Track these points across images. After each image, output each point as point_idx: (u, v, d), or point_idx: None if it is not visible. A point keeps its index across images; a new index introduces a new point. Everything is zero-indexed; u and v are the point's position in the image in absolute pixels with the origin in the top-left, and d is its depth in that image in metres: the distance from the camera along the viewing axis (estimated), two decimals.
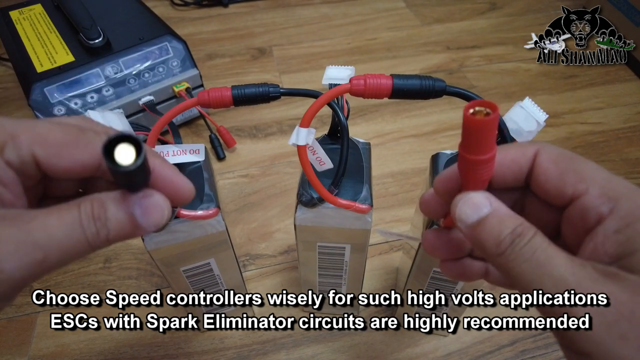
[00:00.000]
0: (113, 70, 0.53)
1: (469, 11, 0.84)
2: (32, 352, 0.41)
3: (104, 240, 0.17)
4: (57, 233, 0.16)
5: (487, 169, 0.17)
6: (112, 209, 0.17)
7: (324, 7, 0.85)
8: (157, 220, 0.17)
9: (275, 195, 0.54)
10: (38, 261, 0.15)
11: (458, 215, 0.18)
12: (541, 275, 0.15)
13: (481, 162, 0.16)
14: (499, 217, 0.17)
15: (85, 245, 0.16)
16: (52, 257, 0.16)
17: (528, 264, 0.16)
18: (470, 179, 0.17)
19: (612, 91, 0.67)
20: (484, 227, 0.17)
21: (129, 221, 0.17)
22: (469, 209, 0.17)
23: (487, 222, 0.17)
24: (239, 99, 0.27)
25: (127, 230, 0.17)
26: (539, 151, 0.18)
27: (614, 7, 0.73)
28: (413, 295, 0.37)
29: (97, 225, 0.16)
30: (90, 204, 0.16)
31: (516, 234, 0.16)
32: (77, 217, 0.16)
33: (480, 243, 0.17)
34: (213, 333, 0.43)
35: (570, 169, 0.17)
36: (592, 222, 0.17)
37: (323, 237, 0.33)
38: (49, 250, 0.15)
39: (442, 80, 0.25)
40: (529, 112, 0.25)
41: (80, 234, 0.16)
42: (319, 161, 0.29)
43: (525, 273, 0.16)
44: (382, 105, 0.64)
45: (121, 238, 0.17)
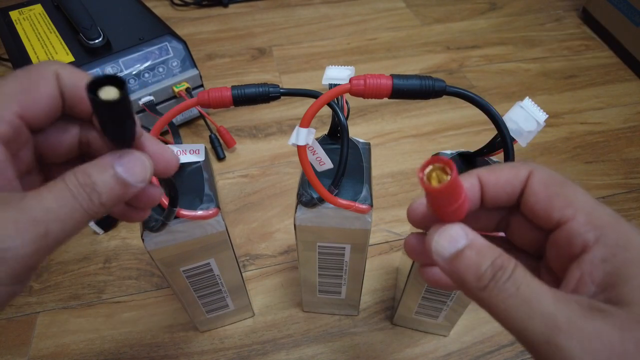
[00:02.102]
0: (113, 71, 0.53)
1: (469, 11, 0.84)
2: (32, 352, 0.41)
3: (98, 205, 0.17)
4: (53, 206, 0.16)
5: (459, 211, 0.17)
6: (95, 173, 0.17)
7: (324, 7, 0.85)
8: (141, 174, 0.18)
9: (275, 195, 0.54)
10: (41, 235, 0.15)
11: (434, 249, 0.17)
12: (530, 312, 0.15)
13: (452, 210, 0.16)
14: (477, 248, 0.16)
15: (83, 213, 0.17)
16: (54, 229, 0.16)
17: (514, 300, 0.15)
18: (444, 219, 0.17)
19: (612, 91, 0.67)
20: (462, 260, 0.16)
21: (116, 181, 0.17)
22: (445, 241, 0.17)
23: (464, 255, 0.16)
24: (239, 99, 0.27)
25: (117, 190, 0.17)
26: (532, 173, 0.18)
27: (614, 7, 0.73)
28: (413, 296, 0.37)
29: (87, 192, 0.17)
30: (73, 175, 0.17)
31: (497, 266, 0.16)
32: (66, 188, 0.16)
33: (459, 277, 0.17)
34: (213, 333, 0.43)
35: (559, 194, 0.17)
36: (577, 249, 0.17)
37: (323, 237, 0.33)
38: (49, 223, 0.16)
39: (442, 80, 0.25)
40: (529, 112, 0.25)
41: (74, 202, 0.16)
42: (319, 161, 0.29)
43: (512, 310, 0.15)
44: (382, 105, 0.64)
45: (115, 199, 0.17)
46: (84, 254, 0.48)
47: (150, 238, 0.29)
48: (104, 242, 0.49)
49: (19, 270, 0.15)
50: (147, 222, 0.29)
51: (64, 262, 0.48)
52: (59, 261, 0.48)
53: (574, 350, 0.14)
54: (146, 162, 0.18)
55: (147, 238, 0.29)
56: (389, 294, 0.45)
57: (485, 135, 0.61)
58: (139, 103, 0.54)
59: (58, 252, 0.49)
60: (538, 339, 0.15)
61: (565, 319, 0.15)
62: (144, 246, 0.30)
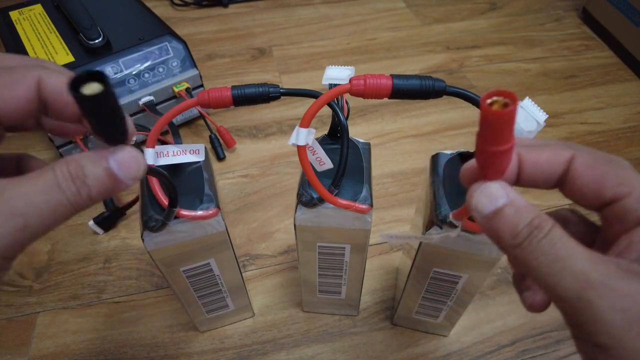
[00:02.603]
0: (113, 71, 0.53)
1: (469, 11, 0.84)
2: (32, 352, 0.41)
3: (86, 199, 0.17)
4: (35, 198, 0.16)
5: (505, 159, 0.17)
6: (88, 167, 0.17)
7: (324, 7, 0.85)
8: (135, 172, 0.18)
9: (275, 195, 0.54)
10: (19, 228, 0.15)
11: (474, 205, 0.17)
12: (561, 269, 0.15)
13: (499, 153, 0.16)
14: (516, 208, 0.17)
15: (67, 206, 0.16)
16: (34, 222, 0.16)
17: (546, 258, 0.16)
18: (488, 169, 0.17)
19: (612, 91, 0.67)
20: (500, 218, 0.17)
21: (108, 176, 0.17)
22: (485, 199, 0.17)
23: (503, 213, 0.17)
24: (239, 99, 0.27)
25: (108, 185, 0.17)
26: (575, 156, 0.18)
27: (614, 7, 0.73)
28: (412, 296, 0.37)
29: (77, 184, 0.16)
30: (65, 165, 0.16)
31: (534, 225, 0.16)
32: (54, 179, 0.16)
33: (496, 234, 0.17)
34: (213, 333, 0.43)
35: (609, 172, 0.17)
36: (631, 223, 0.17)
37: (323, 237, 0.33)
38: (28, 215, 0.15)
39: (442, 80, 0.25)
40: (529, 112, 0.25)
41: (59, 195, 0.16)
42: (318, 161, 0.29)
43: (544, 266, 0.16)
44: (382, 106, 0.64)
45: (103, 194, 0.17)
46: (84, 254, 0.48)
47: (150, 238, 0.29)
48: (104, 242, 0.49)
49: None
50: (147, 222, 0.29)
51: (64, 262, 0.48)
52: (59, 261, 0.48)
53: (604, 306, 0.15)
54: (140, 159, 0.18)
55: (147, 238, 0.29)
56: (389, 294, 0.45)
57: None
58: (139, 103, 0.54)
59: (58, 252, 0.49)
60: (569, 295, 0.15)
61: (598, 277, 0.15)
62: (144, 246, 0.30)
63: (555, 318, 0.43)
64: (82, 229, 0.50)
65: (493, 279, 0.46)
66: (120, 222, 0.51)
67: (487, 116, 0.15)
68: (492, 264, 0.31)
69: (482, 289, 0.45)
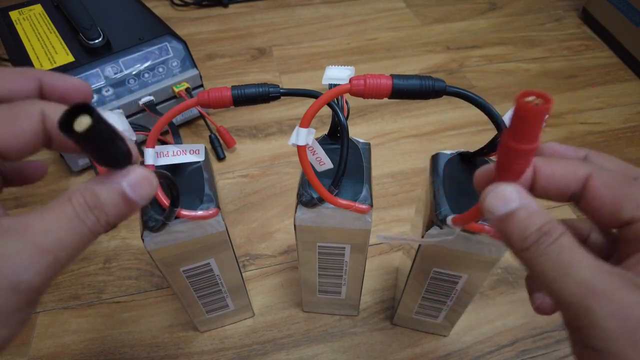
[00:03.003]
0: (113, 71, 0.53)
1: (469, 11, 0.84)
2: (32, 352, 0.41)
3: (105, 225, 0.17)
4: (60, 233, 0.16)
5: (526, 160, 0.17)
6: (103, 194, 0.17)
7: (324, 7, 0.85)
8: (148, 192, 0.18)
9: (275, 195, 0.54)
10: (51, 264, 0.16)
11: (487, 206, 0.18)
12: (565, 275, 0.16)
13: (524, 152, 0.16)
14: (528, 212, 0.17)
15: (89, 235, 0.17)
16: (62, 256, 0.16)
17: (552, 264, 0.16)
18: (507, 169, 0.18)
19: (612, 91, 0.67)
20: (512, 221, 0.17)
21: (123, 200, 0.17)
22: (499, 201, 0.17)
23: (515, 216, 0.17)
24: (239, 99, 0.27)
25: (124, 209, 0.17)
26: (592, 176, 0.18)
27: (614, 7, 0.73)
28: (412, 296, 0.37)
29: (96, 214, 0.17)
30: (81, 195, 0.17)
31: (543, 231, 0.16)
32: (72, 211, 0.16)
33: (506, 236, 0.17)
34: (213, 333, 0.43)
35: (629, 196, 0.18)
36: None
37: (323, 237, 0.33)
38: (57, 250, 0.16)
39: (442, 80, 0.25)
40: None
41: (81, 226, 0.16)
42: (318, 161, 0.29)
43: (549, 271, 0.16)
44: (382, 106, 0.64)
45: (120, 219, 0.18)
46: (84, 254, 0.48)
47: (150, 238, 0.29)
48: (104, 242, 0.49)
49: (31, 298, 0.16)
50: (147, 222, 0.29)
51: None
52: None
53: (602, 313, 0.15)
54: (152, 178, 0.18)
55: (147, 238, 0.29)
56: (389, 294, 0.45)
57: (485, 135, 0.61)
58: (139, 103, 0.54)
59: None
60: (571, 300, 0.16)
61: (600, 286, 0.15)
62: (144, 246, 0.30)
63: (555, 318, 0.43)
64: None
65: (493, 279, 0.46)
66: (120, 223, 0.51)
67: (522, 110, 0.16)
68: (492, 264, 0.31)
69: (482, 289, 0.45)
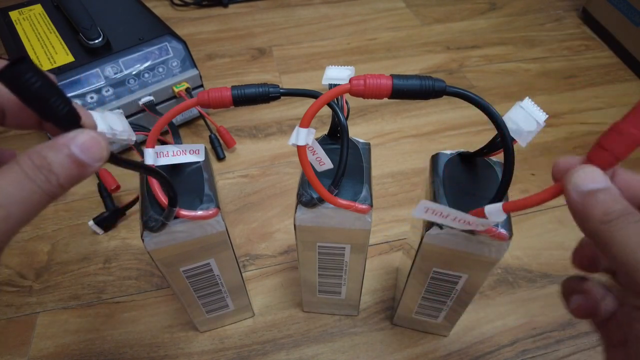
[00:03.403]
0: (113, 71, 0.53)
1: (469, 11, 0.84)
2: (32, 352, 0.41)
3: (56, 186, 0.17)
4: (8, 188, 0.16)
5: (628, 148, 0.18)
6: (50, 155, 0.17)
7: (324, 7, 0.85)
8: (98, 153, 0.18)
9: (275, 195, 0.54)
10: (3, 218, 0.16)
11: (574, 180, 0.18)
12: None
13: (635, 138, 0.17)
14: (614, 194, 0.18)
15: (41, 194, 0.17)
16: (15, 211, 0.16)
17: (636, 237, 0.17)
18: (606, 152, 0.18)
19: (612, 91, 0.67)
20: (596, 198, 0.18)
21: (73, 162, 0.17)
22: (587, 178, 0.18)
23: (600, 194, 0.18)
24: (239, 99, 0.27)
25: (75, 170, 0.17)
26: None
27: (614, 7, 0.73)
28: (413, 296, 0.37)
29: (44, 173, 0.17)
30: (27, 157, 0.17)
31: (628, 211, 0.17)
32: (20, 171, 0.16)
33: (586, 210, 0.18)
34: (213, 333, 0.43)
35: None
36: None
37: (323, 237, 0.33)
38: (9, 206, 0.16)
39: (442, 80, 0.25)
40: (529, 112, 0.25)
41: (31, 184, 0.16)
42: (318, 161, 0.29)
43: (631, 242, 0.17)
44: (382, 106, 0.64)
45: (73, 180, 0.17)
46: (84, 254, 0.48)
47: (150, 238, 0.29)
48: (104, 242, 0.49)
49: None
50: (147, 222, 0.29)
51: (63, 262, 0.48)
52: (59, 261, 0.48)
53: None
54: (101, 140, 0.18)
55: (147, 238, 0.29)
56: (389, 294, 0.45)
57: (485, 135, 0.61)
58: (139, 103, 0.54)
59: (58, 253, 0.49)
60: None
61: None
62: (144, 246, 0.30)
63: (555, 318, 0.43)
64: (82, 229, 0.50)
65: (493, 279, 0.46)
66: (120, 222, 0.51)
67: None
68: (492, 264, 0.31)
69: (482, 289, 0.45)
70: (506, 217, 0.25)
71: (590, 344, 0.42)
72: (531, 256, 0.48)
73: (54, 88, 0.17)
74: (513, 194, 0.53)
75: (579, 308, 0.21)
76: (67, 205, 0.53)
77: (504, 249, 0.29)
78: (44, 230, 0.51)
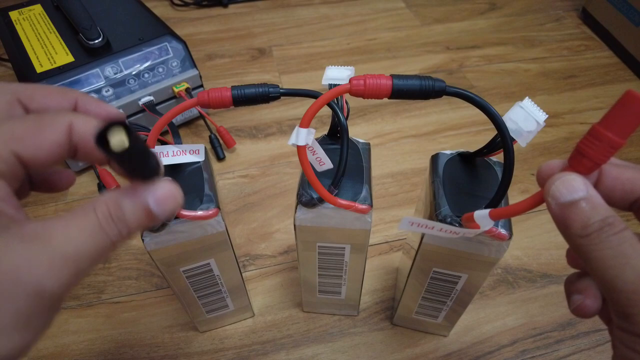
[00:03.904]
0: (113, 71, 0.53)
1: (468, 11, 0.84)
2: (32, 352, 0.41)
3: (125, 237, 0.17)
4: (83, 243, 0.16)
5: (609, 154, 0.17)
6: (128, 207, 0.17)
7: (324, 7, 0.85)
8: (172, 208, 0.18)
9: (275, 195, 0.54)
10: (72, 272, 0.16)
11: (552, 192, 0.18)
12: (624, 264, 0.16)
13: (612, 143, 0.17)
14: (593, 203, 0.17)
15: (110, 246, 0.17)
16: (84, 266, 0.16)
17: (612, 251, 0.16)
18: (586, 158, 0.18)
19: (612, 91, 0.67)
20: (575, 209, 0.17)
21: (146, 214, 0.17)
22: (565, 188, 0.18)
23: (578, 205, 0.17)
24: (239, 100, 0.27)
25: (145, 222, 0.17)
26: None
27: (614, 7, 0.73)
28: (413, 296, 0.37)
29: (119, 226, 0.17)
30: (105, 206, 0.17)
31: (607, 222, 0.17)
32: (96, 222, 0.16)
33: (566, 222, 0.18)
34: (213, 333, 0.43)
35: None
36: None
37: (323, 237, 0.33)
38: (79, 260, 0.16)
39: (442, 80, 0.25)
40: (529, 112, 0.25)
41: (103, 238, 0.16)
42: (318, 161, 0.29)
43: (607, 259, 0.16)
44: (382, 106, 0.64)
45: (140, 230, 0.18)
46: None
47: (150, 238, 0.29)
48: None
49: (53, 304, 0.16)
50: None
51: None
52: None
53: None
54: (177, 194, 0.18)
55: (147, 238, 0.29)
56: (389, 294, 0.45)
57: (485, 135, 0.61)
58: (138, 103, 0.54)
59: None
60: (626, 288, 0.16)
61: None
62: (144, 246, 0.30)
63: (554, 318, 0.43)
64: None
65: (493, 279, 0.46)
66: None
67: (629, 102, 0.16)
68: (492, 264, 0.31)
69: (482, 289, 0.45)
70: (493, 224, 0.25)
71: (590, 344, 0.42)
72: (531, 256, 0.48)
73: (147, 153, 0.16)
74: (513, 194, 0.53)
75: (579, 308, 0.21)
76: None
77: (503, 249, 0.29)
78: None
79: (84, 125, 0.18)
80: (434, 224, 0.25)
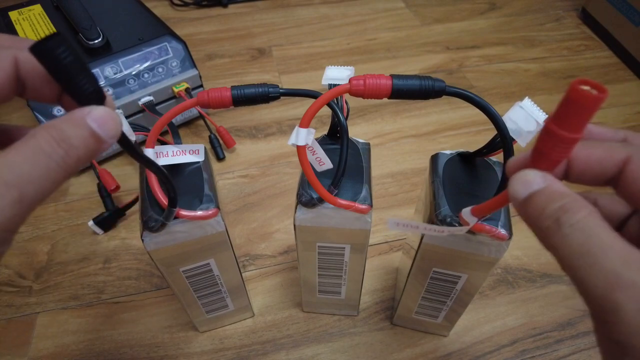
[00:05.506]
0: (112, 71, 0.53)
1: (468, 11, 0.84)
2: (32, 352, 0.41)
3: (76, 160, 0.17)
4: (24, 167, 0.15)
5: (568, 149, 0.16)
6: (70, 129, 0.17)
7: (324, 7, 0.85)
8: (114, 129, 0.18)
9: (275, 195, 0.54)
10: (16, 199, 0.15)
11: (510, 192, 0.17)
12: (592, 264, 0.14)
13: (568, 140, 0.16)
14: (548, 192, 0.16)
15: (58, 170, 0.16)
16: (29, 192, 0.15)
17: (579, 248, 0.15)
18: (546, 156, 0.17)
19: (612, 91, 0.67)
20: (532, 203, 0.16)
21: (91, 136, 0.17)
22: (521, 185, 0.17)
23: (534, 198, 0.16)
24: (239, 100, 0.27)
25: (92, 145, 0.17)
26: (630, 159, 0.17)
27: (614, 8, 0.73)
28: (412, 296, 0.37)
29: (64, 147, 0.16)
30: (45, 131, 0.16)
31: (564, 209, 0.15)
32: (37, 145, 0.16)
33: (528, 220, 0.17)
34: (213, 333, 0.43)
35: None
36: None
37: (323, 237, 0.33)
38: (22, 186, 0.15)
39: (442, 80, 0.25)
40: (529, 112, 0.25)
41: (47, 160, 0.16)
42: (318, 161, 0.29)
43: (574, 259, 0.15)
44: (382, 106, 0.64)
45: (90, 155, 0.17)
46: (84, 254, 0.48)
47: (150, 238, 0.29)
48: (104, 243, 0.49)
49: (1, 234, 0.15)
50: (147, 222, 0.29)
51: (63, 263, 0.48)
52: (59, 261, 0.48)
53: (631, 309, 0.14)
54: (115, 117, 0.18)
55: (146, 238, 0.29)
56: (389, 294, 0.45)
57: (485, 135, 0.61)
58: (138, 103, 0.54)
59: (58, 253, 0.49)
60: (597, 292, 0.15)
61: (630, 277, 0.14)
62: (143, 246, 0.30)
63: (554, 318, 0.43)
64: (82, 229, 0.50)
65: (493, 279, 0.46)
66: (120, 223, 0.51)
67: (576, 96, 0.15)
68: (492, 264, 0.31)
69: (482, 289, 0.45)
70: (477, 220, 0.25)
71: (590, 344, 0.42)
72: (531, 256, 0.48)
73: (84, 65, 0.17)
74: None
75: None
76: (67, 205, 0.53)
77: (503, 248, 0.29)
78: (44, 231, 0.51)
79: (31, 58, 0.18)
80: (418, 224, 0.25)
